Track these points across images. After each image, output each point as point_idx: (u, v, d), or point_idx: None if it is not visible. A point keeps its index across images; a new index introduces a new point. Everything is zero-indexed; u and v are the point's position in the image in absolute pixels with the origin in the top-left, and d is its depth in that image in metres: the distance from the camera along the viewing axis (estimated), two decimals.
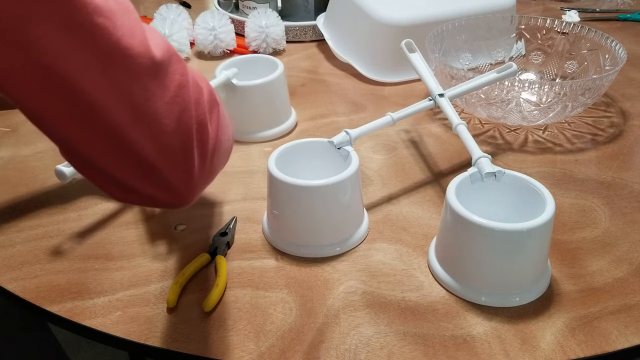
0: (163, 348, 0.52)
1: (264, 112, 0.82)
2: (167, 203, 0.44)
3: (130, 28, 0.37)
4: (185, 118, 0.41)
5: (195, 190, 0.45)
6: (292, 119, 0.86)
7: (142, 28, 0.38)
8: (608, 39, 0.87)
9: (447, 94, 0.72)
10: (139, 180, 0.42)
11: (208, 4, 1.34)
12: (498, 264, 0.55)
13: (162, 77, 0.39)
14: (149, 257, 0.62)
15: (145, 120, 0.39)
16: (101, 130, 0.38)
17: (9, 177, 0.75)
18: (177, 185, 0.43)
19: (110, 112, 0.37)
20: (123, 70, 0.37)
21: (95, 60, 0.35)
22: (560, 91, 0.77)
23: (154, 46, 0.38)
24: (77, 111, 0.37)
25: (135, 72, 0.37)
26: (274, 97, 0.82)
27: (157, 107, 0.39)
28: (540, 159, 0.78)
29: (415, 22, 0.96)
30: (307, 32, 1.14)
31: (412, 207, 0.69)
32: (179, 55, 0.42)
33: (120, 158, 0.40)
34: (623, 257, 0.62)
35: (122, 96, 0.37)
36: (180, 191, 0.43)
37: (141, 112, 0.38)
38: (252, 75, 0.81)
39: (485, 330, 0.53)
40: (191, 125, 0.42)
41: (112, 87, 0.37)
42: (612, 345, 0.52)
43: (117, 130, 0.38)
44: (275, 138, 0.83)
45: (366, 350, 0.51)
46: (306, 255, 0.62)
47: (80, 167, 0.42)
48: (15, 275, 0.60)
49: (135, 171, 0.41)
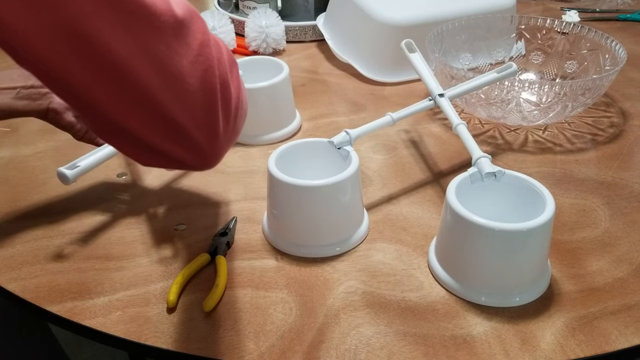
0: (163, 348, 0.52)
1: (269, 115, 0.81)
2: (194, 164, 0.44)
3: None
4: (209, 77, 0.41)
5: (221, 150, 0.45)
6: (297, 122, 0.85)
7: None
8: (608, 39, 0.87)
9: (447, 94, 0.72)
10: (165, 142, 0.41)
11: (208, 4, 1.34)
12: (498, 264, 0.55)
13: (184, 35, 0.39)
14: (149, 257, 0.62)
15: (171, 80, 0.39)
16: (129, 92, 0.38)
17: (9, 177, 0.75)
18: (203, 145, 0.43)
19: (137, 73, 0.37)
20: (147, 28, 0.37)
21: (119, 19, 0.35)
22: (560, 91, 0.77)
23: (175, 4, 0.38)
24: (105, 73, 0.36)
25: (159, 30, 0.37)
26: (279, 100, 0.82)
27: (182, 65, 0.39)
28: (540, 159, 0.78)
29: (415, 22, 0.96)
30: (307, 32, 1.14)
31: (412, 207, 0.69)
32: (199, 14, 0.41)
33: (148, 120, 0.40)
34: (623, 257, 0.62)
35: (148, 56, 0.37)
36: (207, 151, 0.43)
37: (167, 71, 0.38)
38: (256, 78, 0.80)
39: (485, 330, 0.53)
40: (215, 84, 0.42)
41: (138, 47, 0.36)
42: (612, 345, 0.52)
43: (145, 92, 0.38)
44: (280, 141, 0.82)
45: (366, 350, 0.51)
46: (306, 255, 0.62)
47: (107, 134, 0.42)
48: (15, 275, 0.60)
49: (162, 132, 0.41)
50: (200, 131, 0.42)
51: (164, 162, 0.44)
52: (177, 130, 0.41)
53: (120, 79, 0.37)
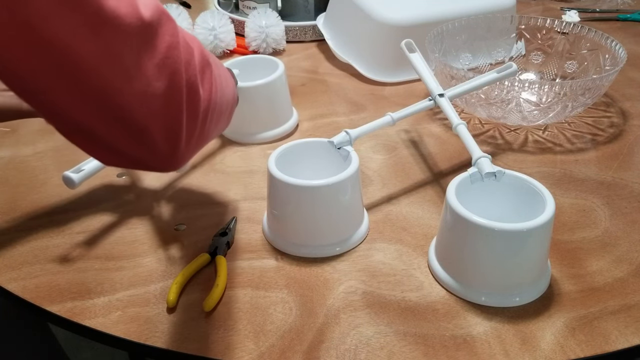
0: (163, 348, 0.52)
1: (265, 113, 0.82)
2: (156, 166, 0.44)
3: None
4: (175, 80, 0.40)
5: (186, 153, 0.44)
6: (294, 120, 0.85)
7: None
8: (608, 39, 0.87)
9: (447, 94, 0.72)
10: (126, 143, 0.41)
11: (208, 4, 1.34)
12: (498, 264, 0.55)
13: (151, 37, 0.38)
14: (149, 257, 0.62)
15: (135, 83, 0.38)
16: (91, 94, 0.37)
17: (9, 177, 0.75)
18: (165, 148, 0.42)
19: (100, 75, 0.37)
20: (111, 32, 0.36)
21: (82, 22, 0.35)
22: (560, 91, 0.77)
23: (143, 6, 0.38)
24: (66, 74, 0.36)
25: (123, 32, 0.36)
26: (275, 98, 0.82)
27: (147, 69, 0.38)
28: (540, 159, 0.78)
29: (415, 22, 0.96)
30: (307, 32, 1.14)
31: (412, 207, 0.69)
32: (169, 15, 0.41)
33: (109, 121, 0.39)
34: (623, 257, 0.62)
35: (112, 58, 0.37)
36: (168, 154, 0.43)
37: (131, 74, 0.38)
38: (253, 76, 0.80)
39: (485, 330, 0.53)
40: (181, 88, 0.41)
41: (101, 50, 0.36)
42: (612, 345, 0.52)
43: (107, 93, 0.37)
44: (277, 139, 0.83)
45: (366, 350, 0.51)
46: (306, 255, 0.62)
47: (67, 132, 0.41)
48: (15, 275, 0.60)
49: (123, 134, 0.40)
50: (163, 134, 0.41)
51: (126, 162, 0.44)
52: (138, 131, 0.40)
53: (82, 80, 0.36)
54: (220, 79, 0.48)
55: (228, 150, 0.80)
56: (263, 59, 0.87)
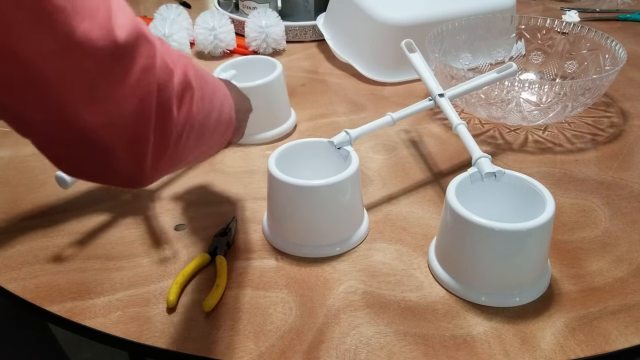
0: (163, 348, 0.52)
1: (264, 114, 0.82)
2: (119, 184, 0.44)
3: (92, 9, 0.36)
4: (146, 102, 0.40)
5: (152, 174, 0.44)
6: (292, 120, 0.86)
7: (107, 7, 0.37)
8: (608, 39, 0.87)
9: (447, 94, 0.72)
10: (89, 161, 0.41)
11: (208, 4, 1.34)
12: (498, 264, 0.55)
13: (124, 60, 0.38)
14: (149, 257, 0.62)
15: (101, 104, 0.38)
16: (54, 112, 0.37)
17: (9, 177, 0.75)
18: (128, 169, 0.42)
19: (64, 95, 0.36)
20: (81, 54, 0.36)
21: (51, 43, 0.34)
22: (560, 91, 0.77)
23: (119, 27, 0.37)
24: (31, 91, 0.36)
25: (94, 56, 0.36)
26: (273, 98, 0.82)
27: (115, 91, 0.38)
28: (540, 159, 0.78)
29: (415, 22, 0.96)
30: (307, 32, 1.14)
31: (412, 207, 0.69)
32: (148, 36, 0.40)
33: (71, 139, 0.39)
34: (623, 257, 0.62)
35: (79, 79, 0.36)
36: (132, 174, 0.43)
37: (98, 95, 0.37)
38: (251, 77, 0.80)
39: (485, 330, 0.53)
40: (151, 110, 0.40)
41: (69, 70, 0.36)
42: (612, 345, 0.52)
43: (69, 112, 0.37)
44: (275, 140, 0.83)
45: (366, 350, 0.51)
46: (306, 255, 0.62)
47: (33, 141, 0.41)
48: (15, 275, 0.60)
49: (85, 152, 0.40)
50: (127, 155, 0.41)
51: (89, 178, 0.44)
52: (101, 151, 0.40)
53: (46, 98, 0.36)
54: (204, 102, 0.47)
55: (228, 151, 0.80)
56: (261, 59, 0.87)
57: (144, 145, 0.41)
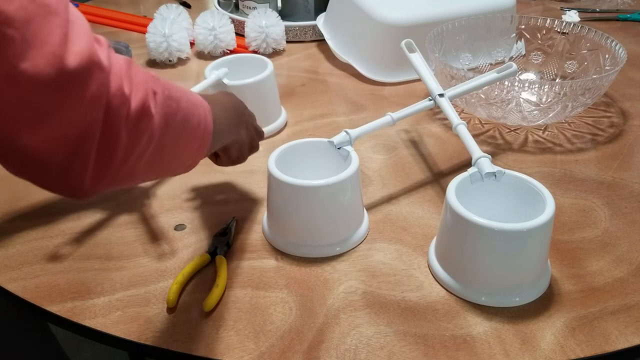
0: (163, 348, 0.52)
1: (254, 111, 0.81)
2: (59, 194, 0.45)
3: (44, 36, 0.35)
4: (91, 128, 0.40)
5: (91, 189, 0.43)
6: (282, 118, 0.86)
7: (62, 33, 0.36)
8: (608, 39, 0.87)
9: (447, 94, 0.72)
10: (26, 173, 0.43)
11: (208, 4, 1.34)
12: (498, 264, 0.55)
13: (71, 88, 0.37)
14: (149, 257, 0.62)
15: (44, 130, 0.38)
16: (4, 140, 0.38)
17: (9, 177, 0.75)
18: (62, 185, 0.43)
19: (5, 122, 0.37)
20: (25, 84, 0.35)
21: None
22: (560, 91, 0.77)
23: (73, 53, 0.37)
24: None
25: (38, 85, 0.36)
26: (264, 96, 0.83)
27: (61, 117, 0.38)
28: (540, 159, 0.78)
29: (415, 22, 0.96)
30: (307, 32, 1.14)
31: (412, 207, 0.69)
32: (102, 63, 0.39)
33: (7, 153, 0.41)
34: (623, 257, 0.62)
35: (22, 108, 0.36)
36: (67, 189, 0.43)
37: (40, 122, 0.37)
38: (242, 75, 0.81)
39: (485, 330, 0.53)
40: (94, 134, 0.40)
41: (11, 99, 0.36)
42: (612, 345, 0.51)
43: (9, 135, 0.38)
44: (266, 137, 0.82)
45: (366, 351, 0.51)
46: (306, 255, 0.62)
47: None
48: (15, 275, 0.60)
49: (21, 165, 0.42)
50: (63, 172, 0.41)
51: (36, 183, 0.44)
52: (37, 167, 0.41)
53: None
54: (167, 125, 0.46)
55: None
56: (253, 58, 0.87)
57: (83, 164, 0.41)
